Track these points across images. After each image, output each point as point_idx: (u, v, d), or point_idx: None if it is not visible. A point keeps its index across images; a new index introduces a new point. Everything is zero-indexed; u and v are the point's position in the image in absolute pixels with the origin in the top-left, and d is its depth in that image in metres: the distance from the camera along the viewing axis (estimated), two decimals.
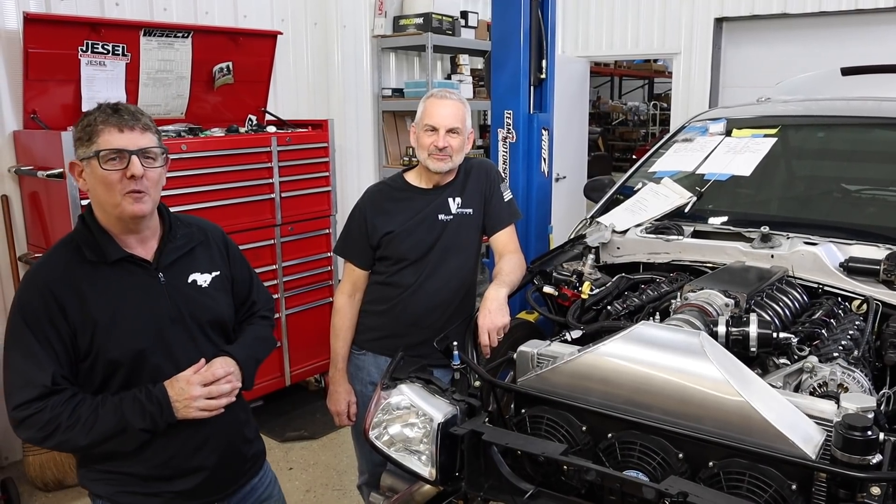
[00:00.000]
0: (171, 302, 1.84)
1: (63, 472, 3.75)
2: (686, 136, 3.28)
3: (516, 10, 3.50)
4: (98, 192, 1.75)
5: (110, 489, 1.87)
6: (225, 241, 2.06)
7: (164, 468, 1.86)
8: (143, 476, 1.85)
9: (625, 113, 14.68)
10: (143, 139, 1.74)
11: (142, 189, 1.73)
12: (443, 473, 1.85)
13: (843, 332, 2.05)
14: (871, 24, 5.65)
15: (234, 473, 2.02)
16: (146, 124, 1.77)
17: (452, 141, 2.49)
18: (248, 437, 2.07)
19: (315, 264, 4.53)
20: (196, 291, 1.90)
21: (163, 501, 1.89)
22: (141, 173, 1.72)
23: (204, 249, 1.97)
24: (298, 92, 5.38)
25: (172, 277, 1.86)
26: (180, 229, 1.92)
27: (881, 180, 3.02)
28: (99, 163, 1.70)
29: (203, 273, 1.93)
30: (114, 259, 1.78)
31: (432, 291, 2.56)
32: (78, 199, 3.42)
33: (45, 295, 1.71)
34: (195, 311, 1.88)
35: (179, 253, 1.89)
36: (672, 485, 1.50)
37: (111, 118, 1.72)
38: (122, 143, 1.71)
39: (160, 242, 1.87)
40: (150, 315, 1.81)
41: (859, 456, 1.45)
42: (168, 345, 1.82)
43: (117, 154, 1.70)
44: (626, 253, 2.77)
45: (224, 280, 1.99)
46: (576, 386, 1.78)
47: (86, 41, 3.67)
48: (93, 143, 1.71)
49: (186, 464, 1.88)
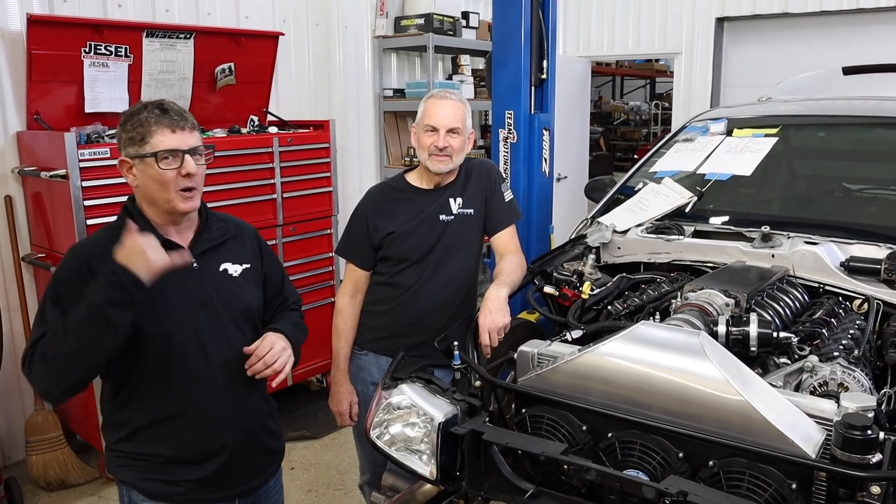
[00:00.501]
0: (202, 287, 1.93)
1: (66, 471, 3.77)
2: (687, 135, 3.29)
3: (517, 11, 3.50)
4: (151, 189, 1.84)
5: (134, 475, 1.93)
6: (258, 238, 2.15)
7: (187, 449, 1.92)
8: (166, 459, 1.91)
9: (626, 113, 14.68)
10: (192, 138, 1.86)
11: (193, 185, 1.85)
12: (443, 473, 1.86)
13: (843, 331, 2.05)
14: (873, 24, 5.64)
15: (254, 464, 2.06)
16: (193, 124, 1.88)
17: (453, 141, 2.50)
18: (272, 428, 2.13)
19: (316, 264, 4.54)
20: (227, 280, 1.99)
21: (183, 491, 1.94)
22: (195, 171, 1.84)
23: (237, 243, 2.06)
24: (300, 92, 5.39)
25: (205, 265, 1.95)
26: (216, 223, 2.03)
27: (882, 180, 3.02)
28: (156, 162, 1.79)
29: (234, 263, 2.02)
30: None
31: (433, 292, 2.57)
32: (81, 199, 3.44)
33: (83, 266, 1.80)
34: (225, 297, 1.96)
35: (213, 243, 1.99)
36: (672, 484, 1.51)
37: (163, 119, 1.81)
38: (175, 143, 1.81)
39: (196, 233, 1.97)
40: (181, 297, 1.89)
41: (859, 455, 1.45)
42: (196, 327, 1.90)
43: (172, 154, 1.81)
44: (627, 253, 2.77)
45: (255, 273, 2.07)
46: (576, 386, 1.79)
47: (89, 42, 3.68)
48: (146, 143, 1.80)
49: (208, 445, 1.94)
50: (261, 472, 2.10)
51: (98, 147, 3.50)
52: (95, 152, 3.48)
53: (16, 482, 3.61)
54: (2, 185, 3.82)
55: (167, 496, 1.94)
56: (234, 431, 1.97)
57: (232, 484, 2.01)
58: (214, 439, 1.95)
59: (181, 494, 1.94)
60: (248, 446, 2.02)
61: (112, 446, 1.97)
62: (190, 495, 1.95)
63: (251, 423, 2.02)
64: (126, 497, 1.97)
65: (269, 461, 2.13)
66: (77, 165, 3.41)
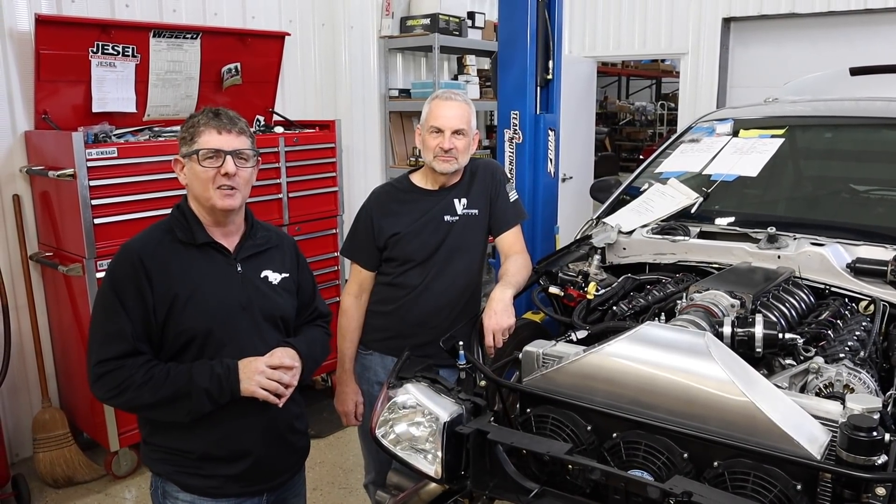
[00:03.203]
0: (244, 291, 2.01)
1: (73, 468, 3.79)
2: (693, 136, 3.28)
3: (523, 11, 3.51)
4: (195, 186, 1.94)
5: (169, 468, 2.01)
6: (296, 250, 2.23)
7: (218, 447, 1.98)
8: (199, 455, 1.98)
9: (632, 113, 14.65)
10: (238, 141, 1.94)
11: (234, 185, 1.92)
12: (448, 472, 1.86)
13: (849, 332, 2.04)
14: (881, 24, 5.63)
15: (283, 462, 2.12)
16: (242, 129, 1.97)
17: (458, 142, 2.50)
18: (298, 428, 2.18)
19: (322, 264, 4.55)
20: (267, 286, 2.07)
21: (218, 483, 2.00)
22: (234, 171, 1.91)
23: (278, 252, 2.14)
24: (306, 92, 5.41)
25: (248, 269, 2.04)
26: (260, 231, 2.11)
27: (889, 181, 3.01)
28: (198, 160, 1.90)
29: (275, 272, 2.10)
30: (201, 242, 1.96)
31: (438, 292, 2.57)
32: (88, 198, 3.46)
33: (136, 264, 1.88)
34: (263, 303, 2.04)
35: (257, 250, 2.07)
36: (676, 484, 1.51)
37: (212, 121, 1.92)
38: (219, 143, 1.91)
39: (241, 239, 2.05)
40: (223, 298, 1.97)
41: (864, 456, 1.45)
42: (235, 329, 1.97)
43: (214, 153, 1.90)
44: (632, 253, 2.77)
45: (292, 283, 2.14)
46: (581, 386, 1.79)
47: (96, 42, 3.70)
48: (194, 142, 1.91)
49: (237, 445, 2.00)
50: (289, 468, 2.17)
51: (105, 147, 3.52)
52: (103, 152, 3.49)
53: (23, 479, 3.63)
54: (10, 185, 3.83)
55: (201, 489, 2.00)
56: (261, 432, 2.03)
57: (262, 479, 2.07)
58: (243, 439, 2.00)
59: (215, 488, 2.00)
60: (275, 445, 2.08)
61: (147, 439, 2.05)
62: (223, 489, 2.01)
63: (278, 423, 2.07)
64: (160, 489, 2.04)
65: (297, 458, 2.20)
66: (84, 165, 3.43)
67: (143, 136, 3.85)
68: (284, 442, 2.11)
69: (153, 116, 4.12)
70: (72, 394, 4.00)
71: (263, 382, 1.91)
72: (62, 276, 3.69)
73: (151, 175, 3.66)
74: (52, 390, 4.01)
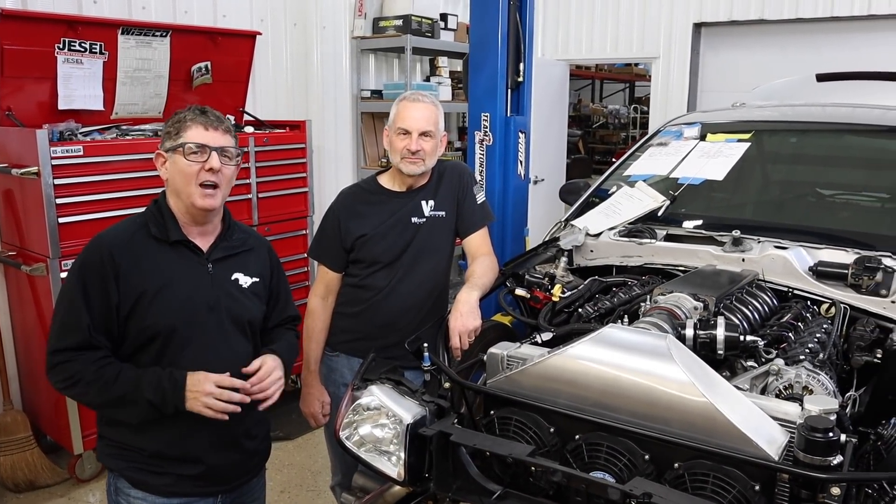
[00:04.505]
0: (213, 291, 2.00)
1: (35, 472, 3.72)
2: (661, 140, 3.31)
3: (494, 14, 3.52)
4: (177, 181, 1.94)
5: (122, 464, 1.99)
6: (272, 255, 2.22)
7: (170, 447, 1.96)
8: (151, 453, 1.96)
9: (605, 116, 14.75)
10: (223, 139, 1.96)
11: (217, 183, 1.93)
12: (411, 474, 1.85)
13: (810, 335, 2.07)
14: (846, 32, 5.72)
15: (238, 467, 2.10)
16: (227, 127, 1.99)
17: (425, 144, 2.49)
18: (256, 433, 2.15)
19: (292, 265, 4.51)
20: (236, 289, 2.06)
21: (170, 481, 1.98)
22: (219, 167, 1.92)
23: (252, 256, 2.13)
24: (277, 92, 5.37)
25: (219, 271, 2.03)
26: (237, 233, 2.11)
27: (853, 185, 3.06)
28: (183, 154, 1.90)
29: (246, 275, 2.09)
30: (174, 239, 1.96)
31: (405, 294, 2.57)
32: (53, 197, 3.40)
33: (104, 257, 1.88)
34: (231, 305, 2.03)
35: (230, 252, 2.07)
36: (637, 486, 1.52)
37: (199, 117, 1.94)
38: (205, 139, 1.92)
39: (216, 239, 2.05)
40: (190, 297, 1.95)
41: (820, 457, 1.47)
42: (199, 329, 1.95)
43: (200, 148, 1.91)
44: (600, 256, 2.78)
45: (262, 288, 2.14)
46: (544, 388, 1.79)
47: (63, 39, 3.63)
48: (180, 136, 1.92)
49: (189, 448, 1.98)
50: (245, 472, 2.14)
51: (71, 145, 3.46)
52: (68, 150, 3.44)
53: None
54: None
55: (152, 487, 1.98)
56: (215, 437, 1.99)
57: (215, 481, 2.05)
58: (197, 440, 1.97)
59: (166, 486, 1.98)
60: (230, 450, 2.05)
61: (102, 433, 2.03)
62: (174, 488, 1.99)
63: (233, 430, 2.03)
64: (113, 485, 2.02)
65: (254, 462, 2.18)
66: (49, 163, 3.37)
67: (111, 134, 3.79)
68: (240, 447, 2.08)
69: (121, 115, 4.06)
70: (35, 396, 3.93)
71: (211, 403, 1.86)
72: (25, 276, 3.62)
73: (118, 174, 3.60)
74: (15, 392, 3.94)
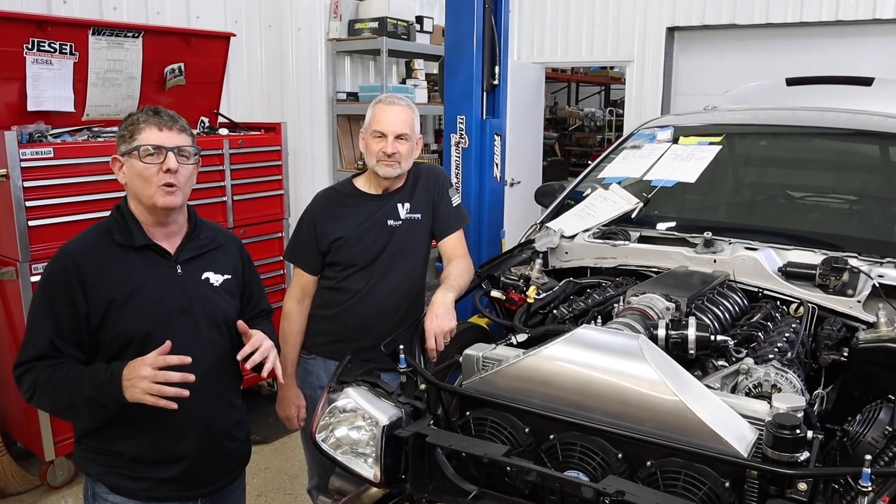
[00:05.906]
0: (184, 293, 1.97)
1: (4, 480, 3.66)
2: (634, 143, 3.35)
3: (469, 16, 3.54)
4: (135, 185, 1.90)
5: (99, 469, 1.96)
6: (242, 251, 2.20)
7: (149, 450, 1.94)
8: (130, 457, 1.94)
9: (581, 118, 14.82)
10: (179, 138, 1.92)
11: (175, 183, 1.89)
12: (388, 475, 1.86)
13: (779, 334, 2.11)
14: (815, 37, 5.82)
15: (218, 470, 2.08)
16: (182, 126, 1.95)
17: (401, 147, 2.50)
18: (237, 436, 2.13)
19: (267, 268, 4.49)
20: (208, 288, 2.04)
21: (149, 486, 1.96)
22: (176, 168, 1.89)
23: (222, 253, 2.11)
24: (252, 94, 5.35)
25: (189, 271, 2.00)
26: (204, 231, 2.08)
27: (822, 187, 3.12)
28: (139, 157, 1.87)
29: (217, 274, 2.07)
30: (139, 244, 1.93)
31: (381, 296, 2.57)
32: (22, 199, 3.36)
33: (69, 267, 1.85)
34: (204, 305, 2.00)
35: (199, 251, 2.04)
36: (610, 484, 1.53)
37: (152, 118, 1.90)
38: (160, 140, 1.88)
39: (183, 239, 2.02)
40: (162, 301, 1.93)
41: (788, 453, 1.50)
42: (174, 332, 1.90)
43: (156, 149, 1.88)
44: (574, 258, 2.81)
45: (234, 285, 2.12)
46: (519, 388, 1.80)
47: (31, 39, 3.59)
48: (134, 139, 1.88)
49: (169, 450, 1.95)
50: (225, 475, 2.13)
51: (41, 146, 3.42)
52: (38, 152, 3.40)
53: None
54: None
55: (130, 492, 1.96)
56: (197, 437, 1.99)
57: (195, 486, 2.03)
58: (177, 443, 1.96)
59: (144, 491, 1.96)
60: (211, 452, 2.04)
61: (79, 439, 2.00)
62: (153, 492, 1.97)
63: (215, 430, 2.03)
64: (91, 490, 1.99)
65: (235, 466, 2.16)
66: (18, 165, 3.33)
67: (82, 136, 3.76)
68: (221, 449, 2.07)
69: (93, 116, 4.02)
70: (4, 402, 3.86)
71: (147, 387, 1.73)
72: None
73: (90, 176, 3.56)
74: None
